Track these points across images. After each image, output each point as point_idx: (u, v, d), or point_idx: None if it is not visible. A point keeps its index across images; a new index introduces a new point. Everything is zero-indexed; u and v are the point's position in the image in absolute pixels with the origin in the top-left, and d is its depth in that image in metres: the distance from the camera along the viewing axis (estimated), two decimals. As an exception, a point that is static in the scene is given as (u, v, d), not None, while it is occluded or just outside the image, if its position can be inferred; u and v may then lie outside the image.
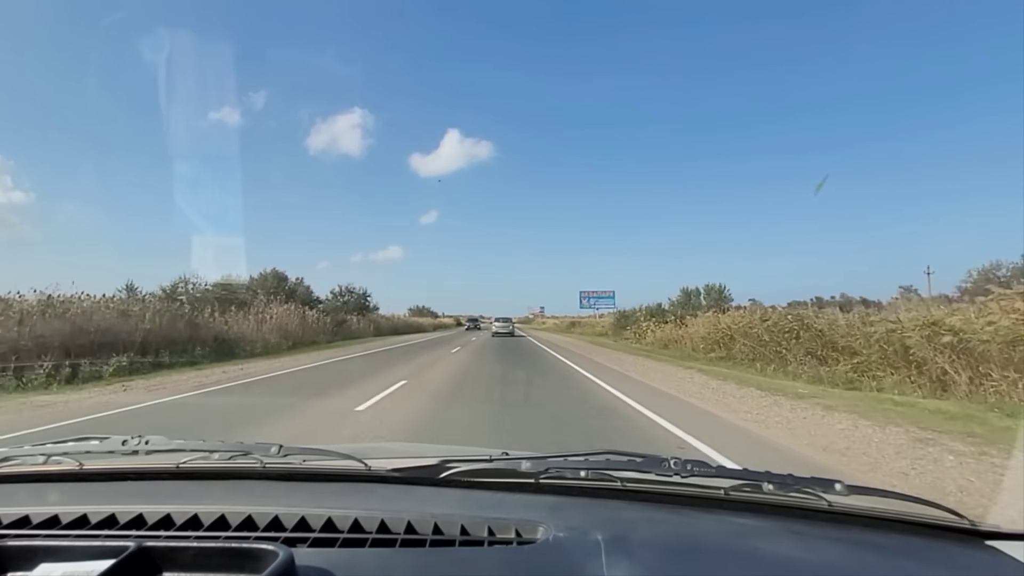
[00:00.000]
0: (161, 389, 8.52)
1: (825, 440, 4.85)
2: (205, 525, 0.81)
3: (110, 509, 0.84)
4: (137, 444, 1.15)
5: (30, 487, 1.04)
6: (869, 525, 0.90)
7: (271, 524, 0.80)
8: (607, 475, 0.98)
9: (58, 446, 1.18)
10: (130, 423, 5.99)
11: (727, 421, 5.88)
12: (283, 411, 6.36)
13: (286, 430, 5.22)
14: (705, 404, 6.94)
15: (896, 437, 4.85)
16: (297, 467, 1.07)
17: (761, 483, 0.94)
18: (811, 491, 0.93)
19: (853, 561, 0.79)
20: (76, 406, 7.00)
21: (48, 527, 0.81)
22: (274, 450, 1.09)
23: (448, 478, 1.00)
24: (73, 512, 0.83)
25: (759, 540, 0.84)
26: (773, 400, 7.06)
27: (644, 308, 28.52)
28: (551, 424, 5.56)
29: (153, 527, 0.81)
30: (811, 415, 6.01)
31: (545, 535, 0.77)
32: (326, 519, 0.81)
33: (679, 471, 0.96)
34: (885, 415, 5.94)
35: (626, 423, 5.71)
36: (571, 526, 0.80)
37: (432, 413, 6.17)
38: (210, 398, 7.56)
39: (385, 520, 0.81)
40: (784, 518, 0.91)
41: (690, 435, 5.01)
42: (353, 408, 6.31)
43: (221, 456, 1.09)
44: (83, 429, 5.45)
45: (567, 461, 1.03)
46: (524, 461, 1.02)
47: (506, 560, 0.72)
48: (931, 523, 0.90)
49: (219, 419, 6.20)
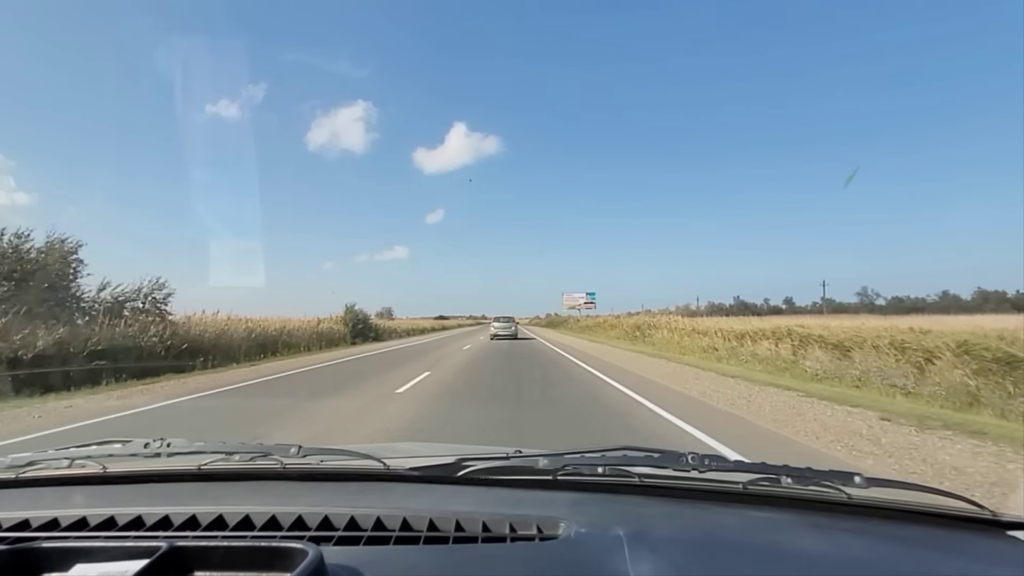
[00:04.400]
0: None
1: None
2: (231, 525, 0.82)
3: (137, 511, 0.85)
4: (159, 447, 1.16)
5: (56, 490, 1.05)
6: (889, 517, 0.89)
7: (295, 524, 0.81)
8: (625, 471, 0.98)
9: (81, 450, 1.19)
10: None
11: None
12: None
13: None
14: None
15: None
16: (317, 467, 1.08)
17: (780, 476, 0.94)
18: (830, 484, 0.92)
19: (874, 553, 0.79)
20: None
21: (77, 529, 0.82)
22: (293, 451, 1.10)
23: (466, 476, 1.01)
24: (101, 514, 0.85)
25: (780, 534, 0.84)
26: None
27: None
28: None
29: (179, 528, 0.82)
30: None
31: (567, 531, 0.78)
32: (349, 518, 0.81)
33: (696, 466, 0.96)
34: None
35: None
36: (592, 522, 0.80)
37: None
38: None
39: (407, 518, 0.81)
40: (804, 511, 0.91)
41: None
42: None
43: (242, 457, 1.10)
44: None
45: (584, 458, 1.03)
46: (541, 458, 1.02)
47: (530, 556, 0.72)
48: (952, 514, 0.89)
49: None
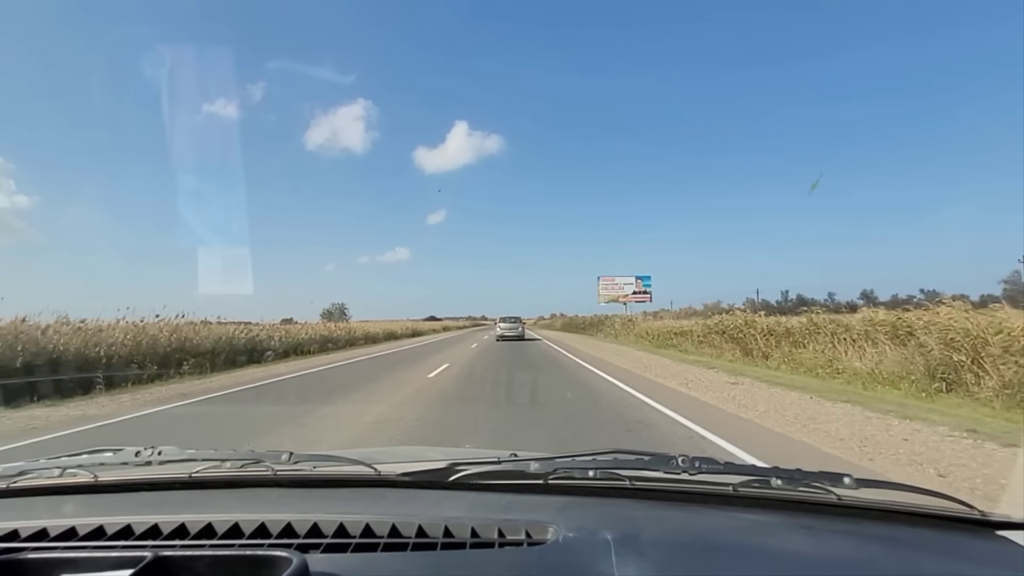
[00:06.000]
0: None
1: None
2: (219, 533, 0.81)
3: (125, 520, 0.85)
4: (150, 455, 1.16)
5: (47, 500, 1.05)
6: (879, 518, 0.90)
7: (284, 531, 0.81)
8: (615, 474, 0.99)
9: (73, 459, 1.18)
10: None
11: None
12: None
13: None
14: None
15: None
16: (308, 474, 1.08)
17: (769, 478, 0.95)
18: (820, 485, 0.93)
19: (864, 554, 0.79)
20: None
21: (65, 539, 0.82)
22: (284, 457, 1.10)
23: (457, 481, 1.01)
24: (89, 524, 0.84)
25: (769, 535, 0.84)
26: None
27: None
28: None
29: (168, 537, 0.81)
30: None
31: (555, 535, 0.78)
32: (338, 525, 0.81)
33: (687, 468, 0.97)
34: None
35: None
36: (580, 526, 0.80)
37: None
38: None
39: (396, 524, 0.81)
40: (794, 513, 0.91)
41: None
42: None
43: (233, 465, 1.10)
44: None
45: (575, 461, 1.03)
46: (532, 462, 1.02)
47: (517, 561, 0.72)
48: (941, 514, 0.90)
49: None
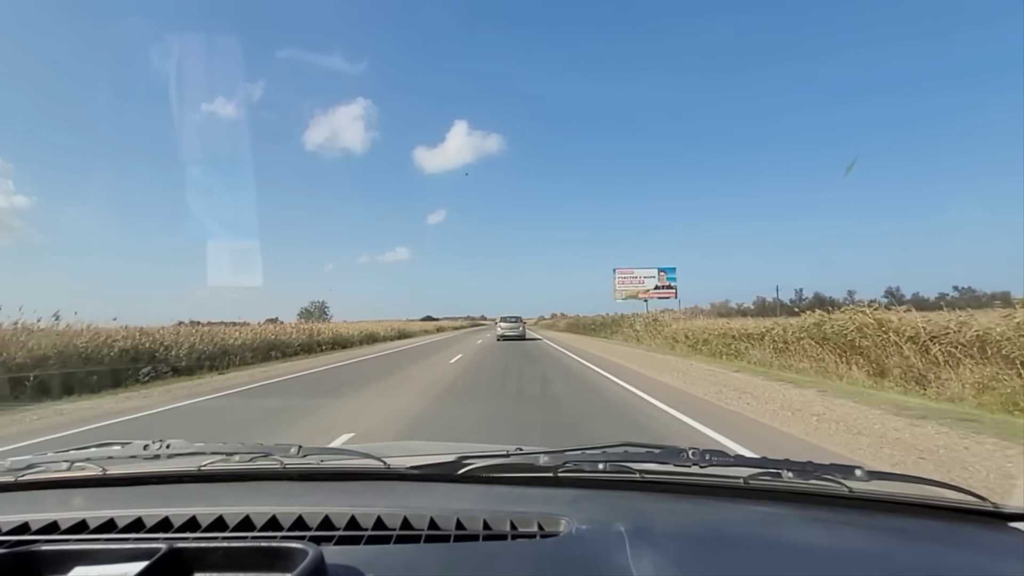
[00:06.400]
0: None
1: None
2: (231, 526, 0.81)
3: (136, 513, 0.85)
4: (158, 448, 1.16)
5: (56, 493, 1.05)
6: (891, 510, 0.89)
7: (296, 523, 0.81)
8: (625, 467, 0.98)
9: (81, 452, 1.19)
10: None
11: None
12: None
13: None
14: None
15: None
16: (317, 467, 1.08)
17: (780, 471, 0.94)
18: (831, 478, 0.92)
19: (877, 546, 0.79)
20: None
21: (76, 532, 0.82)
22: (293, 451, 1.10)
23: (466, 474, 1.00)
24: (100, 517, 0.84)
25: (781, 528, 0.83)
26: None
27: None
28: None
29: (179, 530, 0.81)
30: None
31: (568, 528, 0.77)
32: (349, 517, 0.81)
33: (697, 461, 0.96)
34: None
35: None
36: (592, 518, 0.80)
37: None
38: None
39: (408, 517, 0.81)
40: (805, 505, 0.91)
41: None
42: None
43: (242, 458, 1.10)
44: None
45: (585, 454, 1.03)
46: (542, 455, 1.02)
47: (531, 553, 0.72)
48: (953, 506, 0.89)
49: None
